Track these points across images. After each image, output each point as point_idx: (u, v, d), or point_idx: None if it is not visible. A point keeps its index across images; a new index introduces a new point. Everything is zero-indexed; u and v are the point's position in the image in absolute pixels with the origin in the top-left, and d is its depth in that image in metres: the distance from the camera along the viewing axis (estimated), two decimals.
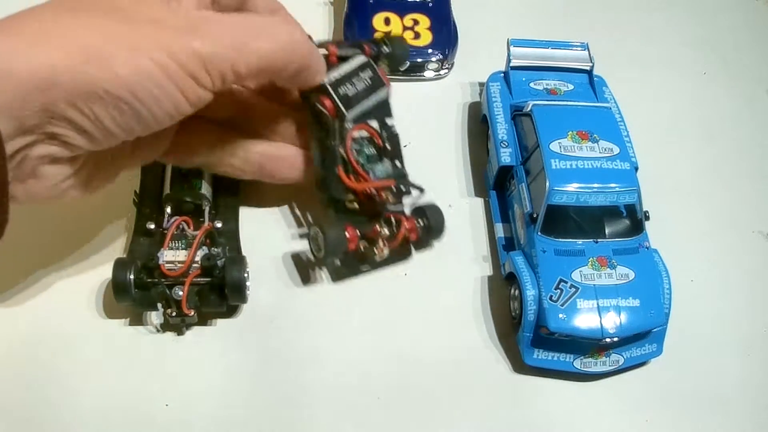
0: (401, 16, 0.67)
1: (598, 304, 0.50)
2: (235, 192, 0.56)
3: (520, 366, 0.52)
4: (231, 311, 0.52)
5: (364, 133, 0.49)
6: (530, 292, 0.50)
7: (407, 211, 0.52)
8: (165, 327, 0.51)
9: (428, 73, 0.68)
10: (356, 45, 0.52)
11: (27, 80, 0.33)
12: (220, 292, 0.49)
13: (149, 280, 0.48)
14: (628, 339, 0.51)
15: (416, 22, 0.67)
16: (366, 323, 0.53)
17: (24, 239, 0.54)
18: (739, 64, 0.76)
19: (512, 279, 0.54)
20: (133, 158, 0.45)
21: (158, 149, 0.46)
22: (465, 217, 0.60)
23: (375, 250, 0.49)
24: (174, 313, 0.48)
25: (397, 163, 0.50)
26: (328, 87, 0.47)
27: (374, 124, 0.50)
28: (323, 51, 0.48)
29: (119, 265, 0.48)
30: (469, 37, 0.70)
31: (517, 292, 0.52)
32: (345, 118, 0.47)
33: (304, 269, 0.55)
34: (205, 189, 0.53)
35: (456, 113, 0.67)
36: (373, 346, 0.52)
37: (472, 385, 0.51)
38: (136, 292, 0.48)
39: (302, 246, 0.56)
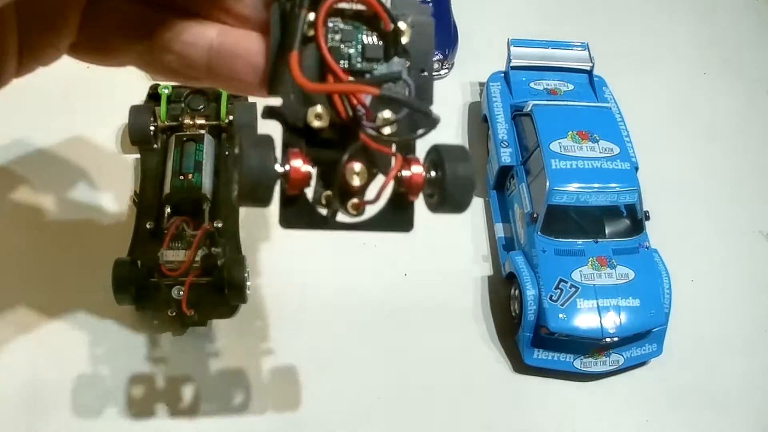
0: None
1: (598, 303, 0.50)
2: (236, 191, 0.56)
3: (520, 366, 0.52)
4: (231, 311, 0.52)
5: (360, 6, 0.28)
6: (530, 292, 0.50)
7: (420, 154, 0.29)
8: (165, 327, 0.51)
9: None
10: None
11: None
12: (220, 292, 0.49)
13: (149, 280, 0.48)
14: (628, 339, 0.51)
15: None
16: (366, 323, 0.53)
17: (24, 239, 0.54)
18: (740, 64, 0.76)
19: (512, 279, 0.54)
20: (22, 59, 0.29)
21: (57, 42, 0.30)
22: (465, 217, 0.60)
23: (345, 205, 0.27)
24: (174, 313, 0.48)
25: (412, 68, 0.28)
26: None
27: None
28: None
29: (119, 265, 0.48)
30: (469, 37, 0.70)
31: (517, 292, 0.52)
32: None
33: (304, 269, 0.55)
34: (206, 189, 0.53)
35: (456, 113, 0.67)
36: (374, 346, 0.52)
37: (472, 385, 0.51)
38: (137, 292, 0.48)
39: (303, 246, 0.56)
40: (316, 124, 0.27)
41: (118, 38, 0.31)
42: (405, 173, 0.27)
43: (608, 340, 0.49)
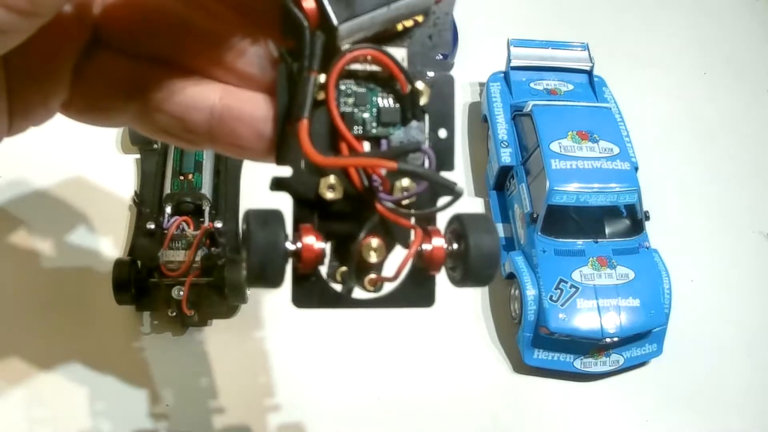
0: None
1: (598, 304, 0.50)
2: (236, 192, 0.56)
3: (520, 366, 0.52)
4: (231, 311, 0.52)
5: (375, 67, 0.25)
6: (530, 292, 0.50)
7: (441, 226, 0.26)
8: (165, 327, 0.51)
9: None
10: None
11: None
12: (220, 292, 0.49)
13: (149, 280, 0.48)
14: (628, 339, 0.51)
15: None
16: (366, 324, 0.53)
17: (24, 239, 0.54)
18: (740, 64, 0.76)
19: (512, 279, 0.54)
20: (13, 119, 0.27)
21: (48, 101, 0.28)
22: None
23: (362, 281, 0.26)
24: (174, 313, 0.48)
25: (430, 134, 0.27)
26: None
27: (399, 54, 0.26)
28: None
29: (119, 266, 0.48)
30: (469, 37, 0.70)
31: (517, 292, 0.52)
32: (335, 30, 0.24)
33: None
34: (206, 189, 0.53)
35: (456, 113, 0.67)
36: (374, 346, 0.52)
37: (472, 385, 0.51)
38: (137, 292, 0.48)
39: None
40: (329, 196, 0.25)
41: (112, 96, 0.28)
42: (425, 247, 0.25)
43: (608, 340, 0.49)
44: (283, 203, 0.25)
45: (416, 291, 0.27)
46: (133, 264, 0.48)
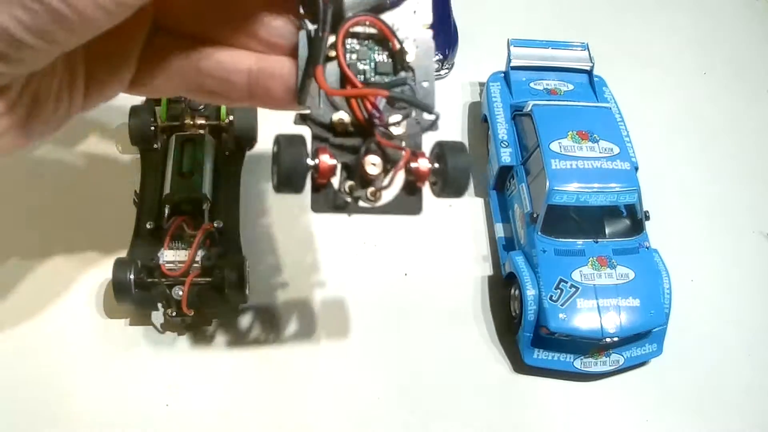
0: None
1: (598, 304, 0.50)
2: (236, 192, 0.56)
3: (520, 366, 0.52)
4: (231, 311, 0.52)
5: (373, 30, 0.34)
6: (530, 292, 0.50)
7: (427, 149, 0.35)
8: (165, 327, 0.51)
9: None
10: None
11: None
12: (220, 292, 0.49)
13: (149, 280, 0.48)
14: (628, 339, 0.51)
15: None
16: (366, 323, 0.53)
17: (24, 239, 0.54)
18: (740, 64, 0.76)
19: (512, 279, 0.54)
20: (89, 94, 0.34)
21: (119, 79, 0.35)
22: (465, 217, 0.60)
23: (365, 192, 0.33)
24: (174, 313, 0.48)
25: (418, 80, 0.35)
26: None
27: (391, 20, 0.35)
28: None
29: (120, 265, 0.48)
30: (469, 37, 0.70)
31: (517, 292, 0.52)
32: (342, 2, 0.34)
33: (304, 269, 0.55)
34: (206, 189, 0.53)
35: (456, 113, 0.67)
36: (374, 346, 0.52)
37: (472, 385, 0.51)
38: (137, 292, 0.48)
39: (303, 246, 0.56)
40: (339, 122, 0.33)
41: (169, 71, 0.35)
42: (414, 165, 0.33)
43: (608, 340, 0.49)
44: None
45: (407, 201, 0.34)
46: (133, 264, 0.48)
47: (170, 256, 0.49)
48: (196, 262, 0.49)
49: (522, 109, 0.59)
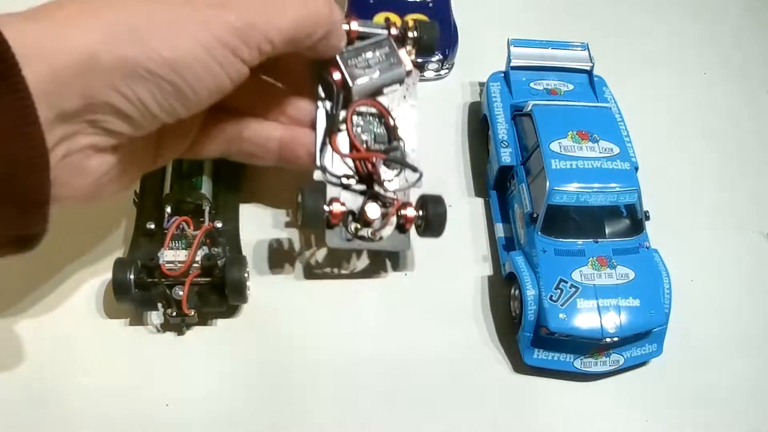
0: (401, 16, 0.67)
1: (598, 304, 0.50)
2: (236, 191, 0.56)
3: (520, 366, 0.52)
4: (231, 311, 0.52)
5: (373, 110, 0.46)
6: (530, 292, 0.50)
7: (414, 199, 0.48)
8: (165, 327, 0.51)
9: (428, 73, 0.68)
10: (381, 26, 0.49)
11: (64, 64, 0.32)
12: (220, 292, 0.49)
13: (149, 280, 0.48)
14: (629, 339, 0.51)
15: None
16: (366, 323, 0.53)
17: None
18: (740, 64, 0.76)
19: (512, 279, 0.54)
20: (159, 155, 0.44)
21: (183, 144, 0.45)
22: (465, 217, 0.60)
23: (367, 231, 0.46)
24: (174, 313, 0.48)
25: (406, 147, 0.47)
26: (338, 58, 0.45)
27: (387, 102, 0.47)
28: (345, 26, 0.46)
29: (119, 265, 0.48)
30: (469, 37, 0.70)
31: (517, 292, 0.52)
32: (351, 89, 0.45)
33: (305, 269, 0.55)
34: (206, 189, 0.53)
35: (456, 113, 0.67)
36: (374, 345, 0.52)
37: (471, 385, 0.51)
38: (137, 292, 0.48)
39: (303, 245, 0.56)
40: (347, 181, 0.46)
41: (217, 137, 0.47)
42: (403, 212, 0.46)
43: (608, 340, 0.49)
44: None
45: (399, 239, 0.47)
46: (133, 264, 0.48)
47: (170, 256, 0.49)
48: (196, 262, 0.49)
49: (522, 109, 0.59)
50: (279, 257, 0.55)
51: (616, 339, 0.49)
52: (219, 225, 0.52)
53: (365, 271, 0.56)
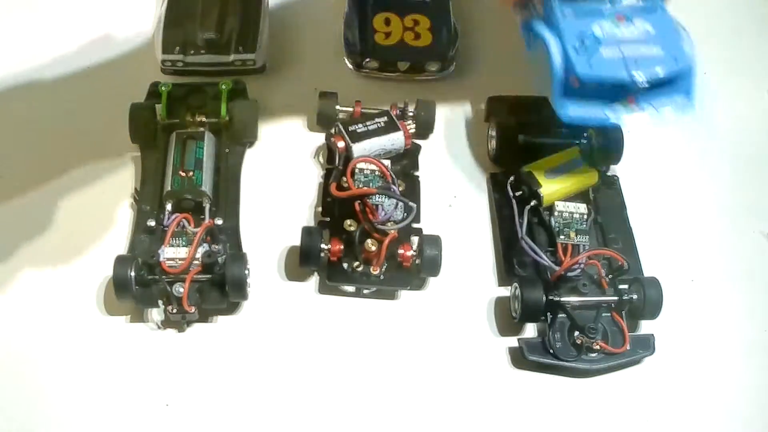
0: (401, 16, 0.67)
1: (622, 51, 0.51)
2: (236, 189, 0.56)
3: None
4: (232, 308, 0.52)
5: (374, 167, 0.54)
6: (554, 49, 0.51)
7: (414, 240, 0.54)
8: (166, 324, 0.51)
9: (428, 74, 0.68)
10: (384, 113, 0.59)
11: None
12: (220, 289, 0.49)
13: (150, 277, 0.48)
14: (657, 87, 0.52)
15: (416, 23, 0.67)
16: (366, 322, 0.53)
17: (25, 237, 0.54)
18: (740, 64, 0.76)
19: (512, 277, 0.54)
20: None
21: None
22: (465, 216, 0.60)
23: (368, 269, 0.51)
24: (175, 310, 0.48)
25: (408, 203, 0.53)
26: (340, 125, 0.56)
27: (388, 164, 0.55)
28: (349, 108, 0.60)
29: (120, 262, 0.48)
30: (469, 38, 0.70)
31: (517, 292, 0.52)
32: (351, 150, 0.55)
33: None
34: (206, 186, 0.53)
35: (456, 113, 0.67)
36: (374, 344, 0.52)
37: (471, 384, 0.51)
38: (137, 289, 0.48)
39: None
40: (348, 227, 0.52)
41: None
42: (401, 252, 0.52)
43: (638, 81, 0.50)
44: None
45: (398, 279, 0.53)
46: (133, 261, 0.48)
47: (171, 253, 0.49)
48: (197, 259, 0.49)
49: None
50: (280, 255, 0.55)
51: (644, 83, 0.50)
52: (219, 222, 0.52)
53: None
